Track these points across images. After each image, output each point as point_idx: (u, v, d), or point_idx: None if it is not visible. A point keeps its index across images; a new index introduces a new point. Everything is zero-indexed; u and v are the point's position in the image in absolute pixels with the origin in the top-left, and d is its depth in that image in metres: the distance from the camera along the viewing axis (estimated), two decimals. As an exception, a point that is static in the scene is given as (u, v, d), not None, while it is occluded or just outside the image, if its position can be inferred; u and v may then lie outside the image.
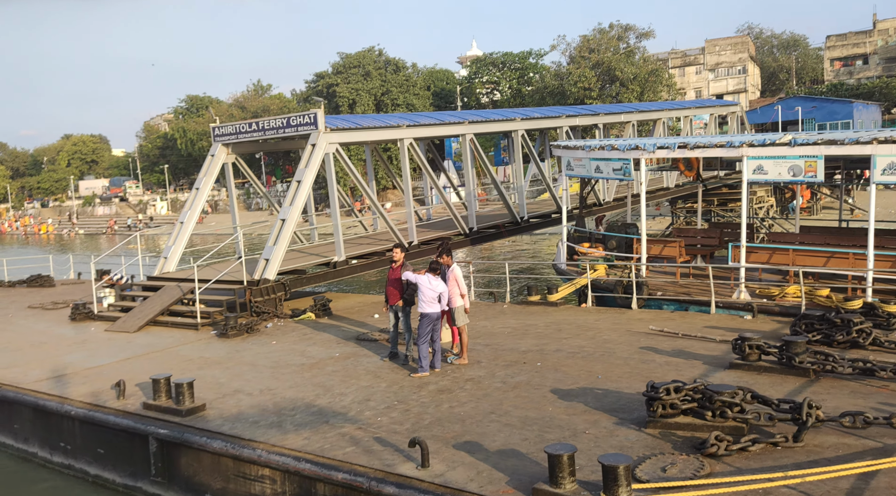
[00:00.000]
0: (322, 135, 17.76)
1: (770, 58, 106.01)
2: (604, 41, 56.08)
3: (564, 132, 24.96)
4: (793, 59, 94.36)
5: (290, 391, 10.56)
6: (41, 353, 14.55)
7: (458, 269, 11.15)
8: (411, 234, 19.96)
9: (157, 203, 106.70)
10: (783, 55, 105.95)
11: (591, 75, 54.20)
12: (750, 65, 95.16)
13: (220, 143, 20.16)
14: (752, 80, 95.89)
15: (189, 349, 14.05)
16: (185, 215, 19.67)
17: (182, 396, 9.97)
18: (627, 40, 57.14)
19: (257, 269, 17.01)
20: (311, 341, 13.79)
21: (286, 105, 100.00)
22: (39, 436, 11.91)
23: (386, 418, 8.98)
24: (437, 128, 20.95)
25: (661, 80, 56.11)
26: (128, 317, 16.73)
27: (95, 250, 74.55)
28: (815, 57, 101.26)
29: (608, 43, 55.34)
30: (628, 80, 53.87)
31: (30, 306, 20.74)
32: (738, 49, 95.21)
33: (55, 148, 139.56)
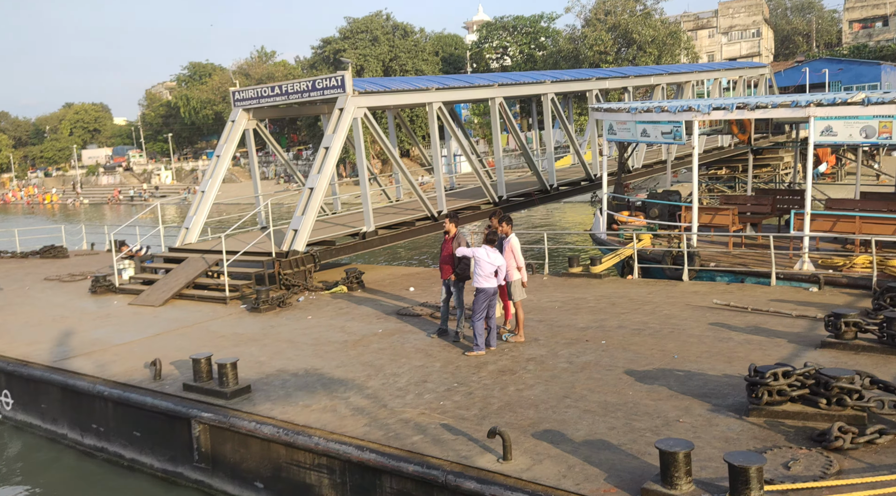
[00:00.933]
0: (350, 98, 16.88)
1: (784, 20, 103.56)
2: (620, 3, 54.44)
3: (595, 95, 23.99)
4: (812, 21, 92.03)
5: (337, 371, 9.90)
6: (65, 328, 13.92)
7: (515, 240, 10.39)
8: (441, 202, 19.17)
9: (161, 172, 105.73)
10: (797, 17, 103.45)
11: (608, 38, 52.73)
12: (764, 28, 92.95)
13: (241, 108, 19.27)
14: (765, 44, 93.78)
15: (220, 324, 13.40)
16: (206, 184, 18.89)
17: (225, 377, 9.32)
18: (644, 2, 55.47)
19: (285, 241, 16.28)
20: (350, 316, 13.12)
21: (290, 72, 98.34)
22: (69, 416, 11.31)
23: (449, 402, 8.32)
24: (466, 91, 20.01)
25: (680, 43, 54.59)
26: (152, 291, 16.06)
27: (103, 220, 74.00)
28: (830, 19, 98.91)
29: (625, 5, 53.71)
30: (646, 42, 52.39)
31: (46, 278, 20.09)
32: (752, 11, 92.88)
33: (57, 117, 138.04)
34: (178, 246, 18.43)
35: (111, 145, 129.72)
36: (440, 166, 19.34)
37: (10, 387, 12.31)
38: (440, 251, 10.82)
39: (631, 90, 26.01)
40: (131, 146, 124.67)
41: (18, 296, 17.78)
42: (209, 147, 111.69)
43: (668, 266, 14.41)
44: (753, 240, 14.91)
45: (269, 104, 18.81)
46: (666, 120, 14.44)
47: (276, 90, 18.44)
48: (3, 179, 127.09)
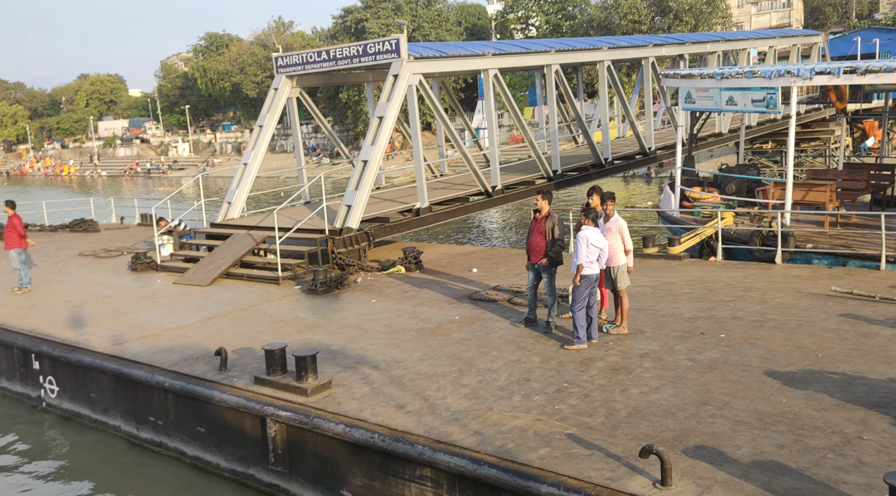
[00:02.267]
0: (405, 64, 15.70)
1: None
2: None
3: (651, 63, 22.63)
4: None
5: (423, 365, 8.92)
6: (110, 310, 13.03)
7: (622, 220, 9.30)
8: (494, 177, 18.05)
9: (178, 144, 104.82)
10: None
11: (642, 6, 50.81)
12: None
13: (284, 75, 18.14)
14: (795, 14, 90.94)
15: (276, 308, 12.45)
16: (248, 156, 17.86)
17: (304, 372, 8.36)
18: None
19: (338, 217, 15.27)
20: (418, 300, 12.11)
21: (308, 43, 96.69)
22: (123, 407, 10.44)
23: (565, 406, 7.31)
24: (522, 57, 18.75)
25: (718, 11, 52.54)
26: (197, 269, 15.13)
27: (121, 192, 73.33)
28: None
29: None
30: (683, 11, 50.46)
31: (80, 254, 19.23)
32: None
33: (73, 87, 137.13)
34: (220, 221, 17.46)
35: (127, 117, 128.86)
36: (496, 138, 18.17)
37: (55, 374, 11.46)
38: (529, 232, 9.74)
39: (687, 58, 24.59)
40: (147, 118, 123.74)
41: (54, 272, 16.93)
42: (226, 119, 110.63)
43: (756, 247, 13.27)
44: (847, 219, 13.73)
45: (316, 71, 17.66)
46: (759, 86, 13.19)
47: (322, 56, 17.28)
48: (20, 151, 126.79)
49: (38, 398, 11.87)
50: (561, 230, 9.48)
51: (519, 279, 13.10)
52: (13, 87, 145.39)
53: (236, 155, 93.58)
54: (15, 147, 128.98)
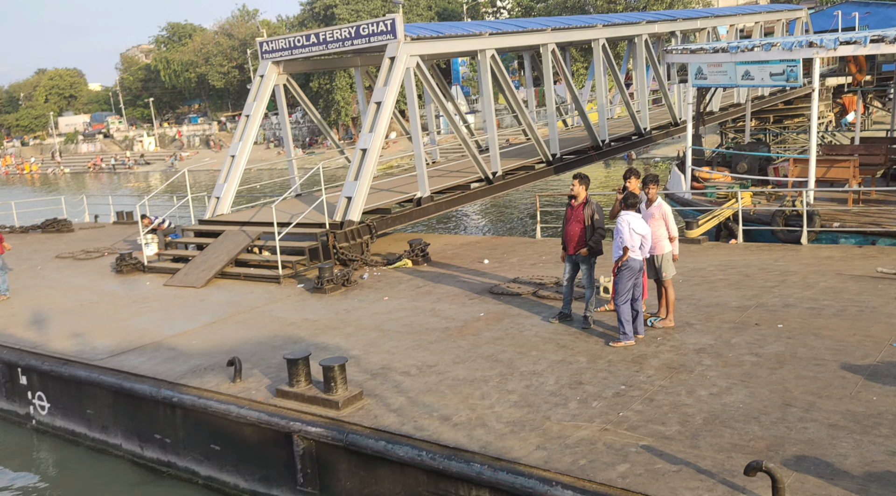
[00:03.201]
0: (402, 45, 14.85)
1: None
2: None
3: (644, 41, 22.03)
4: None
5: (459, 369, 8.20)
6: (100, 316, 12.08)
7: (666, 204, 8.64)
8: (494, 163, 17.32)
9: (143, 139, 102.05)
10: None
11: (619, -14, 50.19)
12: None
13: (270, 60, 17.16)
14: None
15: (283, 309, 11.62)
16: (235, 147, 16.87)
17: (333, 382, 7.59)
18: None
19: (338, 210, 14.43)
20: (434, 296, 11.37)
21: (275, 31, 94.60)
22: (124, 424, 9.57)
23: (631, 413, 6.66)
24: (518, 36, 17.99)
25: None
26: (189, 269, 14.20)
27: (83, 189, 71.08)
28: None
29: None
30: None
31: (58, 256, 18.12)
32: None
33: (31, 83, 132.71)
34: (208, 217, 16.50)
35: (88, 112, 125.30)
36: (493, 122, 17.42)
37: (45, 389, 10.53)
38: (564, 220, 9.04)
39: (679, 35, 24.05)
40: (110, 112, 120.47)
41: (32, 277, 15.84)
42: (191, 112, 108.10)
43: (780, 228, 12.76)
44: (867, 195, 13.29)
45: (304, 55, 16.70)
46: (778, 59, 12.63)
47: (312, 39, 16.33)
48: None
49: (26, 415, 10.93)
50: (601, 217, 8.80)
51: (535, 270, 12.44)
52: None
53: (204, 147, 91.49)
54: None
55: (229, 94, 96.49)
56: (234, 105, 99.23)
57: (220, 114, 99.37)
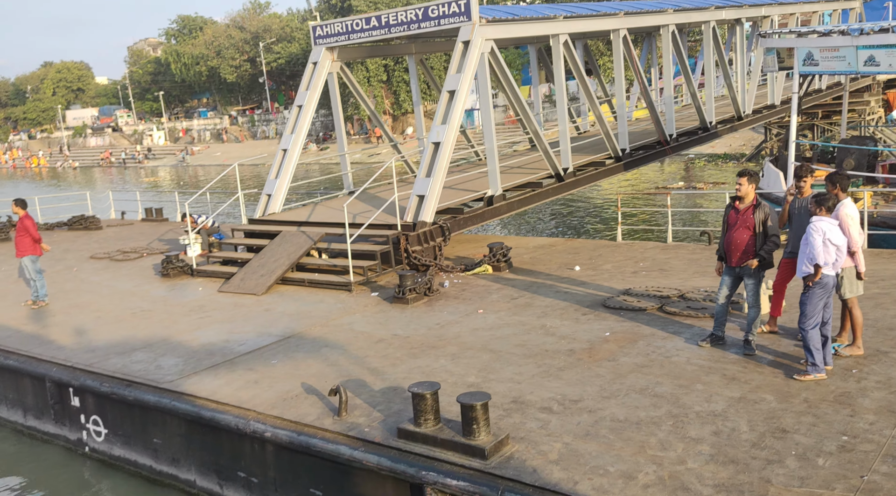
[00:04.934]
0: (478, 28, 13.52)
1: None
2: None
3: (711, 29, 20.65)
4: None
5: (613, 405, 6.88)
6: (156, 327, 10.80)
7: (852, 207, 7.30)
8: (566, 158, 15.99)
9: (153, 133, 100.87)
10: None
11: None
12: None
13: (324, 46, 15.84)
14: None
15: (363, 322, 10.32)
16: (287, 140, 15.56)
17: (475, 425, 6.28)
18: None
19: (409, 209, 13.13)
20: (536, 310, 10.06)
21: (287, 24, 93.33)
22: (199, 459, 8.30)
23: (879, 477, 5.33)
24: (591, 21, 16.62)
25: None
26: (246, 275, 12.91)
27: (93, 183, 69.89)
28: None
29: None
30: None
31: (92, 256, 16.86)
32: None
33: (38, 76, 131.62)
34: (259, 216, 15.20)
35: (96, 105, 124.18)
36: (565, 114, 16.09)
37: (102, 414, 9.26)
38: (726, 226, 7.70)
39: (744, 22, 22.65)
40: (118, 106, 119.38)
41: (69, 280, 14.58)
42: (201, 106, 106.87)
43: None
44: None
45: (363, 40, 15.39)
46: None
47: (372, 22, 15.00)
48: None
49: (77, 441, 9.66)
50: (775, 222, 7.47)
51: (642, 279, 11.14)
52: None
53: (216, 142, 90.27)
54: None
55: (240, 88, 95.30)
56: (245, 99, 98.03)
57: (231, 108, 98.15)
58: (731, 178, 32.88)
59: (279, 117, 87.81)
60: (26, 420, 10.35)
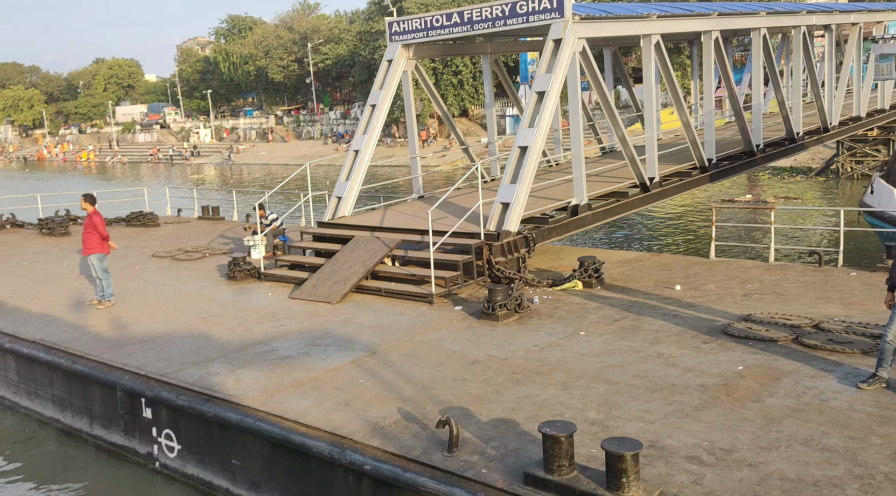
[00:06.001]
0: (571, 25, 12.64)
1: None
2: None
3: (802, 34, 19.43)
4: None
5: (777, 459, 5.92)
6: (229, 335, 10.13)
7: None
8: (651, 167, 15.00)
9: (200, 130, 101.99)
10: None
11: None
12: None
13: (401, 43, 15.12)
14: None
15: (452, 339, 9.50)
16: (360, 141, 14.86)
17: (624, 477, 5.38)
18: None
19: (492, 217, 12.29)
20: (647, 335, 9.12)
21: (336, 25, 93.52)
22: (283, 485, 7.55)
23: None
24: (682, 21, 15.62)
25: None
26: (318, 281, 12.20)
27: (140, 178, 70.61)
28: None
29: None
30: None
31: (154, 255, 16.38)
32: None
33: (90, 72, 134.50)
34: (328, 219, 14.51)
35: (145, 102, 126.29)
36: (655, 120, 15.10)
37: (176, 428, 8.59)
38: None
39: (835, 28, 21.38)
40: (166, 103, 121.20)
41: (133, 279, 14.07)
42: (247, 105, 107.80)
43: None
44: None
45: (443, 37, 14.63)
46: None
47: (453, 19, 14.23)
48: (36, 135, 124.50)
49: (148, 455, 9.01)
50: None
51: (757, 303, 10.12)
52: (28, 70, 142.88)
53: (261, 141, 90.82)
54: (31, 132, 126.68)
55: (286, 88, 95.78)
56: (290, 99, 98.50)
57: (276, 107, 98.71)
58: (800, 191, 31.40)
59: (324, 118, 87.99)
60: (92, 429, 9.76)
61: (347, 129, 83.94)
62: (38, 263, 16.00)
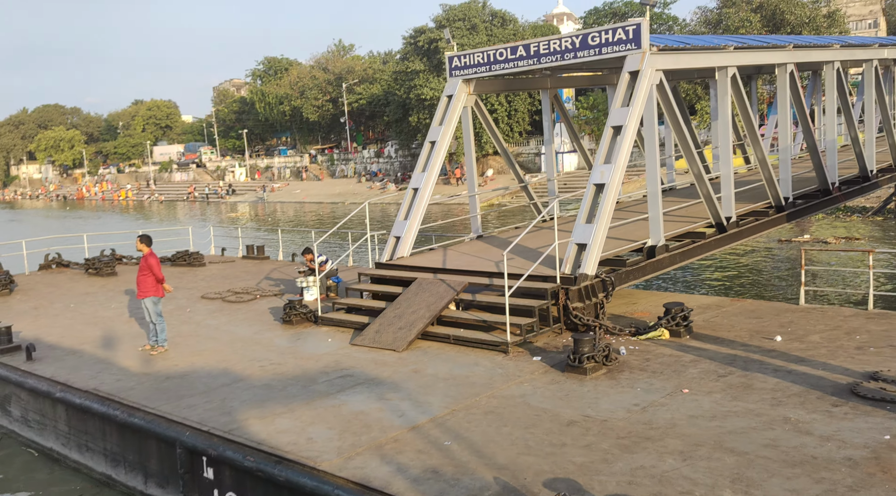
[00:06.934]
0: (648, 57, 11.96)
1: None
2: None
3: (874, 68, 18.56)
4: None
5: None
6: (293, 387, 9.36)
7: None
8: (728, 206, 14.11)
9: (235, 169, 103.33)
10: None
11: (755, 19, 46.62)
12: (881, 18, 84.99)
13: (461, 78, 14.59)
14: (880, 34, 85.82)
15: (537, 395, 8.63)
16: (419, 179, 14.23)
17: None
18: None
19: (567, 259, 11.47)
20: (763, 395, 8.15)
21: (370, 66, 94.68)
22: (363, 565, 6.67)
23: None
24: (760, 53, 14.93)
25: (840, 26, 48.08)
26: (381, 327, 11.44)
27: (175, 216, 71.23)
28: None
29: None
30: (802, 24, 46.16)
31: (204, 296, 15.81)
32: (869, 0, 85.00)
33: (129, 113, 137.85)
34: (386, 260, 13.82)
35: (182, 142, 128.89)
36: (730, 156, 14.27)
37: (241, 491, 7.81)
38: None
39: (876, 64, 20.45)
40: (202, 143, 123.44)
41: (184, 322, 13.46)
42: (281, 144, 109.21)
43: None
44: None
45: (507, 71, 14.07)
46: None
47: (519, 52, 13.66)
48: (76, 175, 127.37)
49: (205, 521, 8.21)
50: None
51: (876, 358, 9.12)
52: (70, 112, 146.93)
53: (295, 179, 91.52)
54: (71, 171, 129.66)
55: (320, 127, 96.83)
56: (324, 138, 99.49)
57: (310, 146, 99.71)
58: (860, 232, 30.09)
59: (357, 157, 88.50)
60: (147, 487, 9.01)
61: (381, 168, 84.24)
62: (87, 305, 15.51)
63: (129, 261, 21.42)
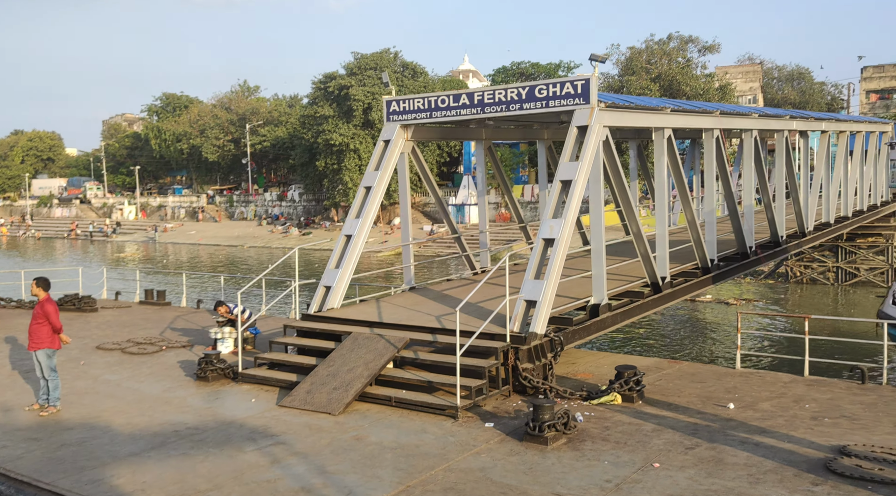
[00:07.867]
0: (597, 113, 11.81)
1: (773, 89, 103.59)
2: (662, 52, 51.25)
3: (785, 138, 19.53)
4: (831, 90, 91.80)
5: None
6: (218, 459, 8.11)
7: None
8: (662, 265, 14.08)
9: (124, 207, 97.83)
10: (787, 86, 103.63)
11: (655, 87, 49.27)
12: (759, 95, 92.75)
13: (399, 123, 13.99)
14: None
15: (499, 469, 7.84)
16: (353, 226, 13.35)
17: None
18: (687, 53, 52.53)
19: (515, 316, 10.88)
20: (739, 471, 7.72)
21: (275, 108, 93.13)
22: None
23: None
24: (691, 117, 15.18)
25: (731, 98, 51.56)
26: (314, 387, 10.35)
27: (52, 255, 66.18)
28: (820, 91, 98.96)
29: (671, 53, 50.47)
30: (697, 95, 49.16)
31: (100, 347, 14.07)
32: (750, 78, 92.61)
33: (7, 143, 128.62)
34: (314, 312, 12.76)
35: (65, 176, 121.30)
36: (665, 216, 14.32)
37: None
38: None
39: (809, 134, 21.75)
40: (88, 178, 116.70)
41: (78, 377, 11.79)
42: (176, 183, 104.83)
43: None
44: None
45: (444, 120, 13.60)
46: None
47: (462, 100, 13.24)
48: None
49: None
50: None
51: (830, 429, 8.96)
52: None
53: (190, 220, 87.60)
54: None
55: (220, 167, 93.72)
56: (223, 179, 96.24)
57: (208, 187, 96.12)
58: (755, 294, 31.53)
59: (259, 199, 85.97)
60: None
61: (283, 211, 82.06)
62: (-45, 354, 13.43)
63: (7, 303, 19.09)
